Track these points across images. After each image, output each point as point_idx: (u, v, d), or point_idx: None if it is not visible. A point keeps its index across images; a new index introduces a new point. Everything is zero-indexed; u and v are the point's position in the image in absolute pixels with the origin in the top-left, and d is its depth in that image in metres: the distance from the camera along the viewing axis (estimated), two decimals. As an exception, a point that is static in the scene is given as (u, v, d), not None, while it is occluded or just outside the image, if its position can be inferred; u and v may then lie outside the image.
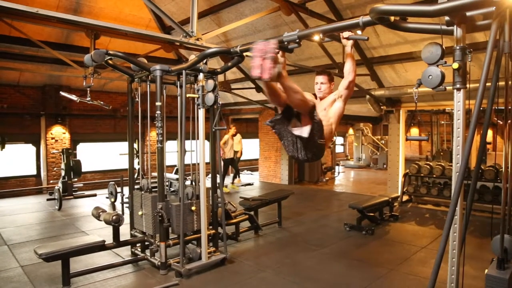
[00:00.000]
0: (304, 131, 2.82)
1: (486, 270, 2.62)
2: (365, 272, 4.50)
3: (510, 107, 2.99)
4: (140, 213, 4.81)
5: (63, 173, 9.14)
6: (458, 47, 2.22)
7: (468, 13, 2.19)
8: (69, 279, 4.09)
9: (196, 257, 4.58)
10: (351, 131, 19.69)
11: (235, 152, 11.26)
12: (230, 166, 11.37)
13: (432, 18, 2.32)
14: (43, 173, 10.44)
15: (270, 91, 2.75)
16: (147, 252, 4.80)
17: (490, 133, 11.67)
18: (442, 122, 13.70)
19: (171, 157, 11.60)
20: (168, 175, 6.53)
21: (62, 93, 8.20)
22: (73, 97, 7.77)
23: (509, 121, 3.07)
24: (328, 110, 3.20)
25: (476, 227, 6.38)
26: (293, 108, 2.84)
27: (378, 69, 8.15)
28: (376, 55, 7.79)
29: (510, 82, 2.88)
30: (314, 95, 3.33)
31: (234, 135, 11.06)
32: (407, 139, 2.64)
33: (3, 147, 8.98)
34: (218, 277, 4.37)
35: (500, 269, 2.59)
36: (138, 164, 6.96)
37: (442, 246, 2.15)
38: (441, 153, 11.84)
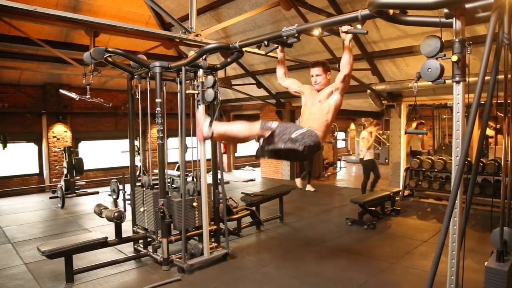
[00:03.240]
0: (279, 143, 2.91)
1: (486, 263, 2.63)
2: (366, 266, 4.52)
3: (509, 101, 2.98)
4: (142, 209, 4.83)
5: (65, 171, 9.17)
6: (457, 40, 2.21)
7: (467, 5, 2.18)
8: (73, 275, 4.13)
9: (198, 253, 4.60)
10: (352, 126, 19.68)
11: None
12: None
13: (431, 10, 2.31)
14: (45, 172, 10.48)
15: (228, 142, 3.11)
16: (150, 248, 4.82)
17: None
18: (444, 116, 13.65)
19: (173, 154, 11.64)
20: (169, 171, 6.54)
21: (62, 91, 8.21)
22: (73, 94, 7.79)
23: (508, 115, 3.06)
24: (323, 102, 3.19)
25: (478, 220, 6.38)
26: (240, 143, 3.00)
27: (379, 64, 8.12)
28: (376, 49, 7.76)
29: (509, 75, 2.87)
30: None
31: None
32: (406, 133, 2.63)
33: (4, 146, 9.01)
34: (220, 272, 4.39)
35: (499, 261, 2.59)
36: (140, 161, 6.99)
37: (442, 239, 2.15)
38: (443, 147, 11.81)
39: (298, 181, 10.28)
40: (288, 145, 2.85)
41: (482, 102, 2.52)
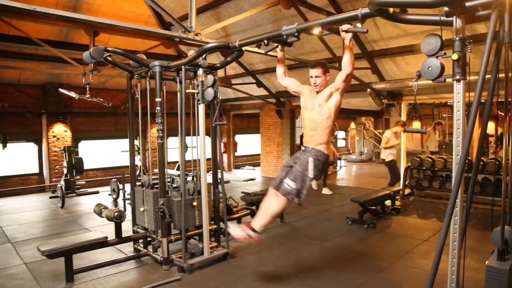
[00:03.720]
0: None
1: (486, 262, 2.63)
2: (367, 265, 4.51)
3: (510, 99, 2.97)
4: (142, 209, 4.82)
5: (65, 171, 9.18)
6: (457, 38, 2.21)
7: (468, 4, 2.17)
8: (73, 275, 4.12)
9: (198, 252, 4.59)
10: (352, 125, 19.66)
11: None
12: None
13: (432, 9, 2.30)
14: (45, 171, 10.48)
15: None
16: (150, 248, 4.82)
17: (492, 125, 11.61)
18: (444, 115, 13.64)
19: (173, 153, 11.64)
20: (169, 171, 6.53)
21: (61, 90, 8.20)
22: (72, 94, 7.78)
23: (509, 114, 3.06)
24: (323, 106, 3.21)
25: (478, 219, 6.37)
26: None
27: (379, 62, 8.12)
28: (376, 48, 7.75)
29: (510, 74, 2.86)
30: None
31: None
32: (405, 131, 2.63)
33: (4, 146, 9.01)
34: (220, 271, 4.39)
35: (500, 260, 2.59)
36: (140, 160, 6.99)
37: (443, 238, 2.15)
38: (443, 146, 11.81)
39: (313, 183, 9.51)
40: (307, 182, 3.31)
41: (483, 101, 2.51)
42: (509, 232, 2.70)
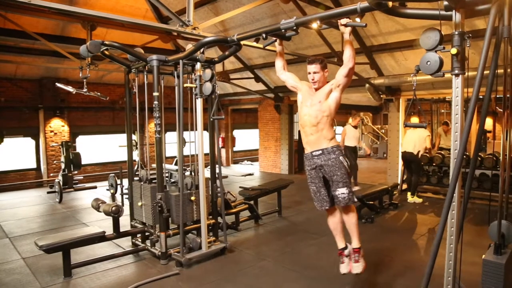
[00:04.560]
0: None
1: (483, 256, 2.64)
2: (364, 259, 4.52)
3: (508, 95, 2.97)
4: (139, 204, 4.82)
5: (63, 166, 9.15)
6: (456, 32, 2.20)
7: (467, -2, 2.17)
8: (70, 270, 4.13)
9: (196, 247, 4.60)
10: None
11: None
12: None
13: (431, 3, 2.29)
14: (43, 166, 10.45)
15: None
16: (148, 243, 4.82)
17: (490, 121, 11.64)
18: (442, 110, 13.66)
19: (171, 148, 11.62)
20: (167, 166, 6.52)
21: (58, 85, 8.16)
22: (70, 88, 7.74)
23: (507, 110, 3.06)
24: (323, 103, 3.19)
25: (476, 214, 6.40)
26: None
27: (378, 58, 8.10)
28: (375, 43, 7.73)
29: (509, 69, 2.85)
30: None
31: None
32: (405, 126, 2.63)
33: (1, 141, 8.97)
34: (218, 266, 4.40)
35: (497, 254, 2.60)
36: (138, 155, 6.98)
37: (440, 232, 2.16)
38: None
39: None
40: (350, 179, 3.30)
41: (481, 97, 2.51)
42: (506, 226, 2.72)
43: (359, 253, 3.38)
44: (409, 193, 7.74)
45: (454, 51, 2.17)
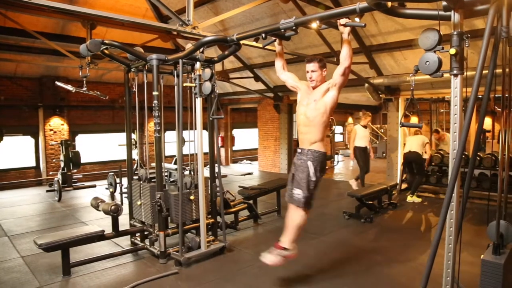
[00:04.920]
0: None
1: (482, 256, 2.65)
2: (363, 259, 4.54)
3: (507, 95, 2.98)
4: (139, 203, 4.82)
5: (62, 164, 9.15)
6: (455, 33, 2.20)
7: (466, -2, 2.17)
8: (69, 268, 4.13)
9: (195, 246, 4.60)
10: (350, 120, 19.68)
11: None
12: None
13: (430, 3, 2.29)
14: (42, 165, 10.45)
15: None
16: (147, 242, 4.82)
17: (489, 121, 11.65)
18: (442, 110, 13.67)
19: (171, 147, 11.61)
20: (167, 165, 6.53)
21: (58, 83, 8.16)
22: (69, 87, 7.74)
23: (506, 109, 3.06)
24: (318, 101, 3.20)
25: (475, 214, 6.41)
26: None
27: (377, 57, 8.11)
28: (375, 43, 7.73)
29: (507, 69, 2.86)
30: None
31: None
32: (401, 125, 2.64)
33: (1, 139, 8.96)
34: (217, 265, 4.40)
35: (495, 254, 2.61)
36: (137, 154, 6.98)
37: (439, 232, 2.16)
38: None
39: (353, 184, 8.38)
40: (311, 186, 3.37)
41: (480, 96, 2.52)
42: (505, 226, 2.72)
43: (282, 250, 3.43)
44: (409, 193, 7.77)
45: (452, 51, 2.18)
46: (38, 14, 6.87)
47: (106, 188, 8.82)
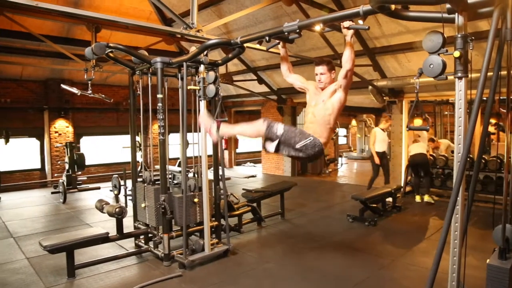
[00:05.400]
0: (302, 141, 3.01)
1: (487, 260, 2.62)
2: (367, 262, 4.52)
3: (512, 97, 2.96)
4: (143, 205, 4.83)
5: (67, 166, 9.21)
6: (459, 35, 2.19)
7: (470, 0, 2.16)
8: (74, 270, 4.15)
9: (199, 249, 4.61)
10: (354, 122, 19.63)
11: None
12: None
13: (434, 6, 2.29)
14: (47, 167, 10.52)
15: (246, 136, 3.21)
16: (151, 244, 4.83)
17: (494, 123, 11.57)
18: (446, 112, 13.61)
19: (174, 149, 11.65)
20: (171, 167, 6.55)
21: (63, 86, 8.21)
22: (74, 90, 7.78)
23: (511, 111, 3.04)
24: (326, 102, 3.19)
25: (480, 217, 6.37)
26: (251, 138, 3.15)
27: (381, 60, 8.09)
28: (378, 45, 7.72)
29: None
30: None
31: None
32: (408, 129, 2.62)
33: (7, 141, 9.03)
34: (221, 268, 4.40)
35: (501, 259, 2.58)
36: (141, 157, 7.00)
37: (443, 236, 2.15)
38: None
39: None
40: (291, 153, 3.05)
41: (484, 99, 2.50)
42: (510, 230, 2.70)
43: (218, 125, 3.18)
44: (417, 195, 7.83)
45: (457, 54, 2.17)
46: (44, 18, 6.94)
47: (111, 190, 8.84)
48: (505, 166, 3.24)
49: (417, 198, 7.81)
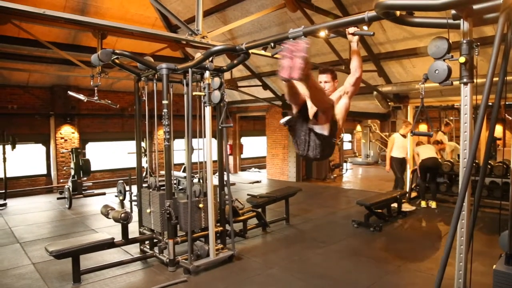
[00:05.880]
0: (324, 129, 2.79)
1: (494, 266, 2.60)
2: (373, 268, 4.49)
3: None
4: (148, 210, 4.85)
5: (72, 172, 9.25)
6: (465, 41, 2.20)
7: (475, 6, 2.17)
8: (80, 276, 4.16)
9: (204, 254, 4.61)
10: (358, 127, 19.59)
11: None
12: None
13: (439, 12, 2.30)
14: (53, 173, 10.58)
15: (292, 92, 2.68)
16: (156, 249, 4.84)
17: (500, 129, 11.51)
18: (451, 118, 13.56)
19: (179, 155, 11.67)
20: (176, 173, 6.56)
21: (70, 93, 8.30)
22: (81, 96, 7.85)
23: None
24: (334, 108, 3.21)
25: (486, 223, 6.31)
26: (315, 106, 2.76)
27: (385, 65, 8.10)
28: (383, 51, 7.73)
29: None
30: None
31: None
32: (412, 134, 2.63)
33: (13, 147, 9.12)
34: (226, 273, 4.39)
35: (508, 264, 2.56)
36: (146, 162, 7.02)
37: (449, 242, 2.14)
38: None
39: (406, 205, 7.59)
40: (321, 137, 2.78)
41: (490, 104, 2.50)
42: (517, 236, 2.68)
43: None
44: (423, 201, 7.79)
45: (462, 59, 2.17)
46: (51, 25, 7.03)
47: (116, 196, 8.84)
48: (511, 171, 3.22)
49: (423, 204, 7.76)
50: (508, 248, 2.61)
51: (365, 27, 2.96)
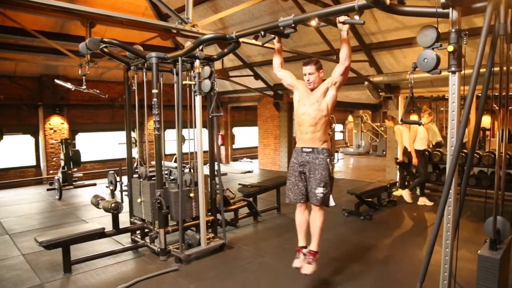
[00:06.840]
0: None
1: (479, 251, 2.67)
2: (362, 256, 4.56)
3: (504, 93, 2.99)
4: (139, 200, 4.84)
5: (62, 163, 9.17)
6: (453, 30, 2.22)
7: (464, -5, 2.18)
8: (70, 266, 4.15)
9: (195, 243, 4.63)
10: (350, 118, 19.70)
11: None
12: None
13: (428, 0, 2.30)
14: (42, 164, 10.47)
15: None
16: (147, 239, 4.85)
17: (488, 119, 11.66)
18: (442, 108, 13.68)
19: (171, 145, 11.62)
20: (167, 163, 6.53)
21: (57, 81, 8.16)
22: (68, 85, 7.74)
23: (503, 108, 3.08)
24: (321, 102, 3.23)
25: (473, 212, 6.43)
26: None
27: (377, 55, 8.11)
28: (374, 41, 7.74)
29: (505, 67, 2.87)
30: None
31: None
32: (402, 122, 2.66)
33: (1, 139, 8.98)
34: (217, 262, 4.42)
35: (492, 249, 2.63)
36: (137, 153, 6.99)
37: (436, 228, 2.18)
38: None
39: (406, 194, 7.32)
40: (332, 180, 3.44)
41: (479, 95, 2.53)
42: (501, 222, 2.74)
43: (315, 256, 3.44)
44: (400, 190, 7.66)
45: (450, 48, 2.19)
46: (37, 13, 6.87)
47: (107, 186, 8.82)
48: (496, 161, 3.28)
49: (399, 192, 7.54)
50: (492, 233, 2.67)
51: (356, 16, 2.96)
